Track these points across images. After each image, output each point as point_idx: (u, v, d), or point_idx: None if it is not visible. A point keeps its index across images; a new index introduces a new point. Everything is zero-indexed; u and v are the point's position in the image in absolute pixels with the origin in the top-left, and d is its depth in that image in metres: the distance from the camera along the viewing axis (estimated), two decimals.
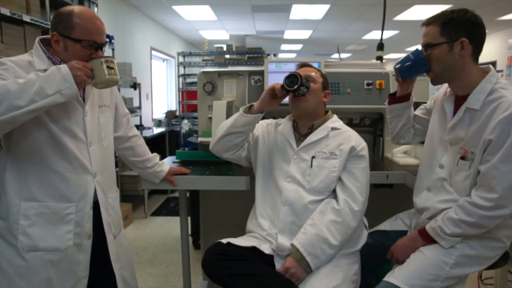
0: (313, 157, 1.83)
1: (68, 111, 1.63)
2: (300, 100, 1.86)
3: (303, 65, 2.00)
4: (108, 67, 1.55)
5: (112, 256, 1.79)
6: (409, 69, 1.74)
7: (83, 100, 1.70)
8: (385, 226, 1.95)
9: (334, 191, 1.82)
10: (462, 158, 1.61)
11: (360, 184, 1.79)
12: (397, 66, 1.78)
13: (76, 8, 1.61)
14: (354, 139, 1.85)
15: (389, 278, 1.64)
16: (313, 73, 1.90)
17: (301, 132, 1.93)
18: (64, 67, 1.47)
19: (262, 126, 2.05)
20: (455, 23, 1.57)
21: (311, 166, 1.82)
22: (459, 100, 1.67)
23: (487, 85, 1.57)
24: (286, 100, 1.95)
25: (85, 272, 1.73)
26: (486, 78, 1.58)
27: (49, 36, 1.65)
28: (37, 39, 1.66)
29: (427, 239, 1.65)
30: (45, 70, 1.52)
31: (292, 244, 1.74)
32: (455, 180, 1.65)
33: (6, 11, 2.61)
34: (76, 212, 1.66)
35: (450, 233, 1.57)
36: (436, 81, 1.70)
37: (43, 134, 1.58)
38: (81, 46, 1.58)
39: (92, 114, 1.72)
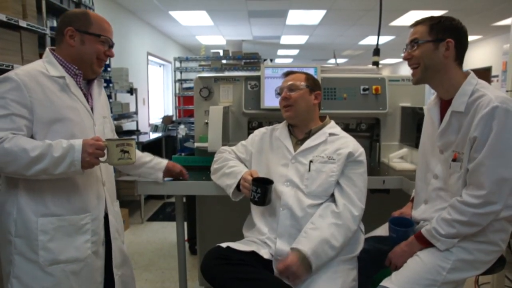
0: (311, 161, 1.84)
1: (83, 121, 1.68)
2: (288, 110, 1.91)
3: (287, 74, 2.03)
4: (122, 150, 1.59)
5: (114, 262, 1.82)
6: (400, 240, 1.76)
7: (91, 109, 1.75)
8: (381, 231, 1.95)
9: (331, 195, 1.82)
10: (454, 160, 1.63)
11: (358, 189, 1.80)
12: (393, 244, 1.80)
13: (88, 9, 1.72)
14: (352, 145, 1.87)
15: (386, 283, 1.64)
16: (297, 82, 1.94)
17: (297, 137, 1.95)
18: (78, 149, 1.51)
19: (257, 138, 2.07)
20: (443, 25, 1.64)
21: (309, 170, 1.83)
22: (444, 105, 1.70)
23: (468, 87, 1.61)
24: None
25: (101, 277, 1.78)
26: (467, 80, 1.63)
27: (53, 47, 1.72)
28: (48, 48, 1.72)
29: (424, 242, 1.65)
30: (59, 77, 1.63)
31: (293, 248, 1.73)
32: (449, 184, 1.66)
33: (2, 16, 2.60)
34: (92, 221, 1.71)
35: (445, 233, 1.58)
36: (418, 80, 1.73)
37: None
38: (99, 40, 1.68)
39: (99, 124, 1.77)
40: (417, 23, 1.70)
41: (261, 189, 1.76)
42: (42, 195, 1.60)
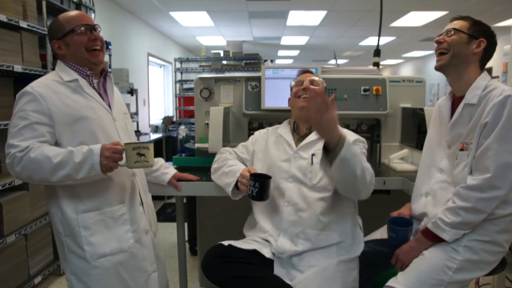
0: (313, 154, 1.86)
1: (102, 117, 1.73)
2: (308, 101, 1.88)
3: (305, 71, 2.04)
4: (138, 153, 1.62)
5: None
6: (400, 242, 1.76)
7: (109, 106, 1.80)
8: (380, 234, 1.95)
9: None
10: (461, 150, 1.66)
11: (363, 158, 1.77)
12: (392, 245, 1.80)
13: (57, 16, 1.74)
14: (353, 135, 1.96)
15: (392, 282, 1.64)
16: (317, 78, 1.98)
17: (299, 133, 1.97)
18: (96, 153, 1.57)
19: (258, 137, 2.09)
20: (482, 27, 1.72)
21: (312, 163, 1.84)
22: (456, 102, 1.74)
23: (482, 82, 1.68)
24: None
25: (153, 266, 1.85)
26: (481, 76, 1.70)
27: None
28: (58, 59, 1.78)
29: (431, 237, 1.65)
30: (71, 81, 1.69)
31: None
32: (455, 174, 1.68)
33: (2, 17, 2.61)
34: (129, 211, 1.77)
35: (450, 222, 1.59)
36: (442, 65, 1.75)
37: (90, 144, 1.63)
38: (75, 34, 1.69)
39: (120, 120, 1.83)
40: (459, 18, 1.76)
41: (259, 183, 1.75)
42: (78, 192, 1.68)
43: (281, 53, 12.47)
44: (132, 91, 5.75)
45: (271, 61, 6.38)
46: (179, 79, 6.42)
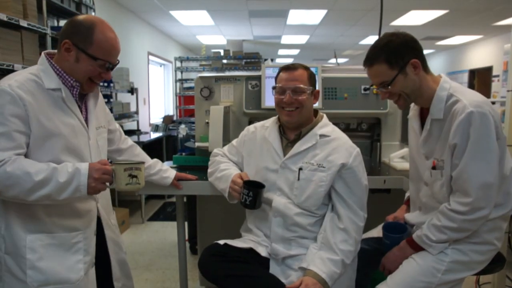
0: (300, 168, 1.77)
1: (77, 137, 1.57)
2: (290, 115, 1.79)
3: (286, 68, 1.84)
4: (130, 175, 1.50)
5: (114, 276, 1.77)
6: (394, 245, 1.76)
7: (86, 122, 1.63)
8: (379, 232, 1.95)
9: (324, 203, 1.79)
10: (434, 168, 1.64)
11: (358, 198, 1.76)
12: (387, 251, 1.80)
13: (98, 22, 1.53)
14: (343, 151, 1.77)
15: (382, 286, 1.66)
16: (302, 84, 1.79)
17: (288, 138, 1.87)
18: (84, 174, 1.43)
19: (247, 138, 1.99)
20: (397, 51, 1.60)
21: (299, 178, 1.77)
22: (426, 113, 1.70)
23: (442, 92, 1.61)
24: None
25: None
26: (440, 86, 1.62)
27: (55, 51, 1.59)
28: (43, 53, 1.58)
29: (415, 247, 1.67)
30: (54, 89, 1.51)
31: (308, 269, 1.69)
32: (434, 191, 1.67)
33: (3, 16, 2.61)
34: (84, 240, 1.60)
35: (436, 239, 1.59)
36: (405, 106, 1.72)
37: (58, 162, 1.47)
38: (93, 62, 1.51)
39: (93, 137, 1.66)
40: (371, 63, 1.64)
41: (253, 193, 1.74)
42: (32, 210, 1.49)
43: (281, 52, 12.47)
44: (132, 90, 5.74)
45: (271, 60, 6.35)
46: (179, 78, 6.41)
